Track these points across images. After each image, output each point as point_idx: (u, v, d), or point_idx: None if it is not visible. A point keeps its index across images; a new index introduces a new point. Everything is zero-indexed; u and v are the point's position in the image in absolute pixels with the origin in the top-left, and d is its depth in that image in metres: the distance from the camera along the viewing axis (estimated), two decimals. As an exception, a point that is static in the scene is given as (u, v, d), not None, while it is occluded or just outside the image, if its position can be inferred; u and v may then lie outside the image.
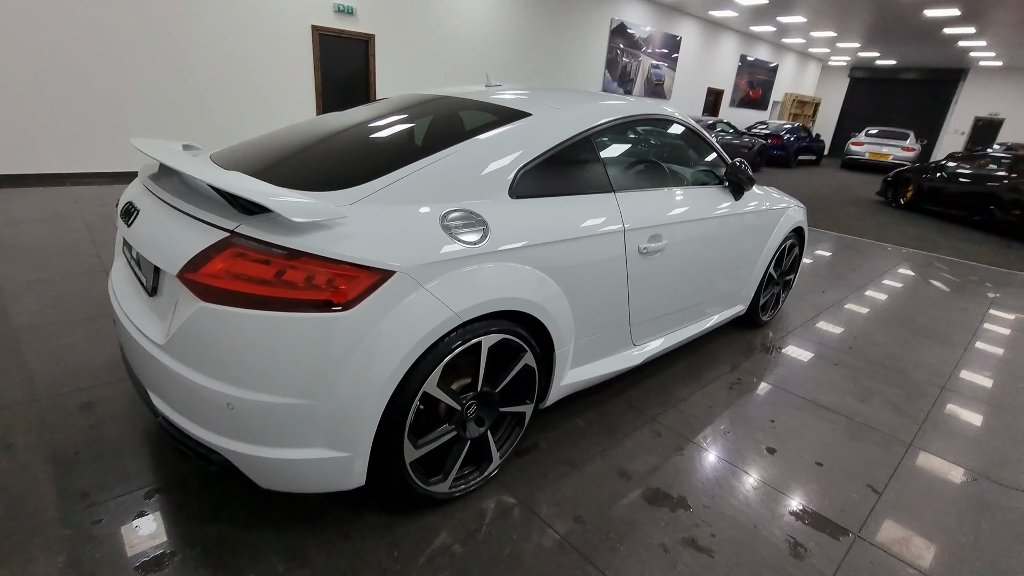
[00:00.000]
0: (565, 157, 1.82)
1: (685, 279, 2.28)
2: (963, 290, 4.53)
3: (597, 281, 1.85)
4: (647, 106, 2.23)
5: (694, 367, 2.71)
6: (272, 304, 1.22)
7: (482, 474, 1.71)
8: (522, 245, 1.57)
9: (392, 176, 1.46)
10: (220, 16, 6.35)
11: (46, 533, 1.45)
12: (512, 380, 1.69)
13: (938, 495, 1.91)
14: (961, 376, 2.89)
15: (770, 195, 2.90)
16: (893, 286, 4.45)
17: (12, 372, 2.18)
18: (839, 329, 3.40)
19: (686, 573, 1.49)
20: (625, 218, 1.91)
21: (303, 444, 1.30)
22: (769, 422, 2.28)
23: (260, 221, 1.26)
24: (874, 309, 3.83)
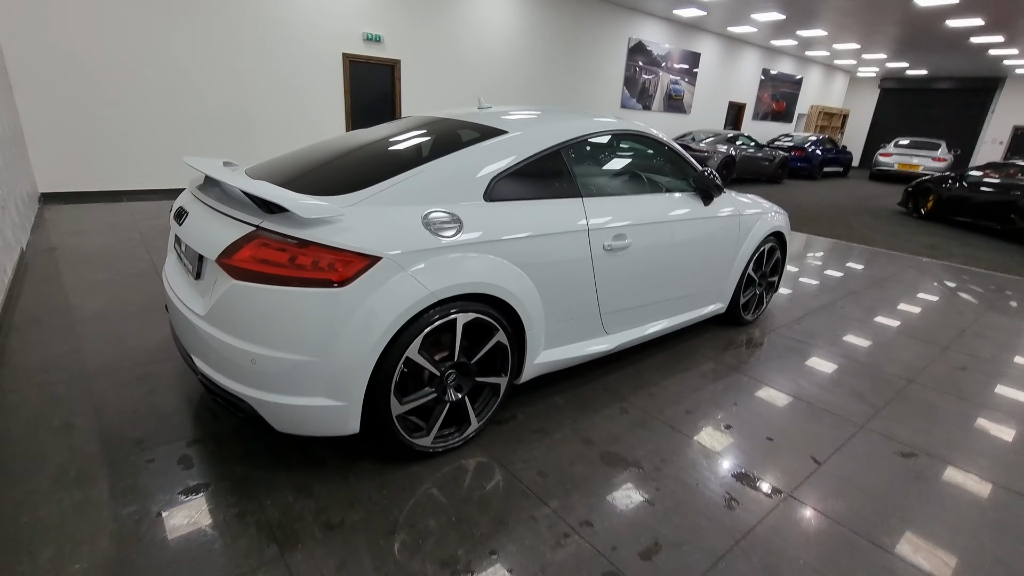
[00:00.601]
0: (536, 167, 2.14)
1: (653, 275, 2.55)
2: (961, 295, 4.59)
3: (564, 273, 2.14)
4: (616, 123, 2.53)
5: (673, 358, 2.95)
6: (287, 282, 1.57)
7: (462, 434, 2.02)
8: (492, 240, 1.90)
9: (384, 184, 1.82)
10: (262, 48, 7.00)
11: (111, 466, 1.83)
12: (486, 354, 2.00)
13: (877, 467, 2.11)
14: (933, 371, 3.03)
15: (744, 201, 3.14)
16: (888, 290, 4.56)
17: (82, 351, 2.62)
18: (823, 328, 3.56)
19: (625, 515, 1.75)
20: (590, 220, 2.21)
21: (309, 393, 1.65)
22: (732, 404, 2.51)
23: (279, 218, 1.63)
24: (863, 311, 3.97)
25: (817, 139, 14.78)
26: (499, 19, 9.41)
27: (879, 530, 1.76)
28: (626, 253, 2.37)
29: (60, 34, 5.72)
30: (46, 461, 1.84)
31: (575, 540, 1.64)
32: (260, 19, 6.89)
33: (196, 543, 1.54)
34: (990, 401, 2.72)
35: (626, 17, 11.48)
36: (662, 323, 2.77)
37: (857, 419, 2.46)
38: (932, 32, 11.59)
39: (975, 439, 2.36)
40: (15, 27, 5.47)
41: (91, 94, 6.05)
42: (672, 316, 2.84)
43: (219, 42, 6.69)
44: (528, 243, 2.00)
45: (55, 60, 5.76)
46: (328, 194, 1.77)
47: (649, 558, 1.59)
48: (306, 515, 1.68)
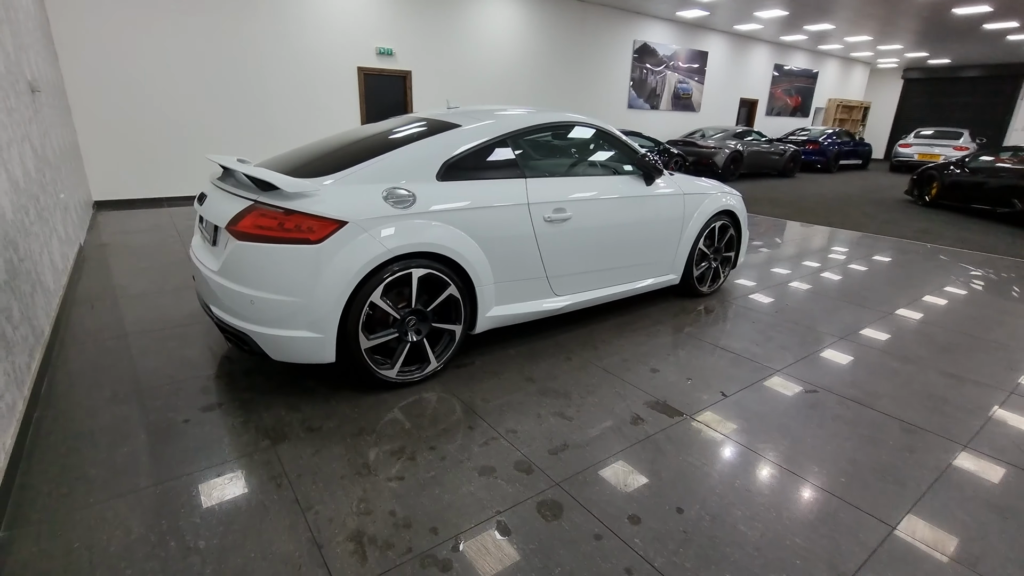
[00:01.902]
0: (483, 154, 2.60)
1: (595, 245, 2.96)
2: (934, 271, 4.79)
3: (508, 239, 2.59)
4: (563, 116, 2.97)
5: (624, 322, 3.34)
6: (277, 241, 2.07)
7: (422, 371, 2.48)
8: (440, 210, 2.36)
9: (354, 168, 2.31)
10: (284, 66, 7.70)
11: (149, 391, 2.37)
12: (442, 305, 2.46)
13: (777, 400, 2.46)
14: (867, 331, 3.32)
15: (690, 182, 3.51)
16: (857, 268, 4.80)
17: (128, 319, 3.21)
18: (776, 298, 3.88)
19: (545, 427, 2.18)
20: (531, 196, 2.65)
21: (295, 327, 2.14)
22: (666, 355, 2.89)
23: (272, 194, 2.14)
24: (820, 286, 4.26)
25: (833, 132, 14.73)
26: (505, 27, 9.94)
27: (756, 440, 2.13)
28: (567, 224, 2.79)
29: (110, 62, 6.52)
30: (102, 389, 2.40)
31: (499, 442, 2.07)
32: (282, 40, 7.59)
33: (210, 439, 2.05)
34: (909, 353, 3.01)
35: (630, 20, 11.84)
36: (611, 289, 3.17)
37: (774, 365, 2.80)
38: (943, 21, 11.52)
39: (878, 380, 2.68)
40: (74, 57, 6.28)
41: (135, 114, 6.83)
42: (621, 283, 3.23)
43: (246, 63, 7.41)
44: (473, 214, 2.46)
45: (106, 85, 6.56)
46: (312, 176, 2.27)
47: (556, 454, 2.01)
48: (294, 423, 2.17)
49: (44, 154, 3.79)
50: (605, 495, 1.78)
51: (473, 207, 2.46)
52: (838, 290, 4.16)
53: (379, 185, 2.29)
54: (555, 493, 1.79)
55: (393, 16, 8.50)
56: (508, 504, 1.73)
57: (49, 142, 4.15)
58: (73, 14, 6.19)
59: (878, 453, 2.07)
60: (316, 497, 1.74)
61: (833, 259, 5.15)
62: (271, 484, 1.79)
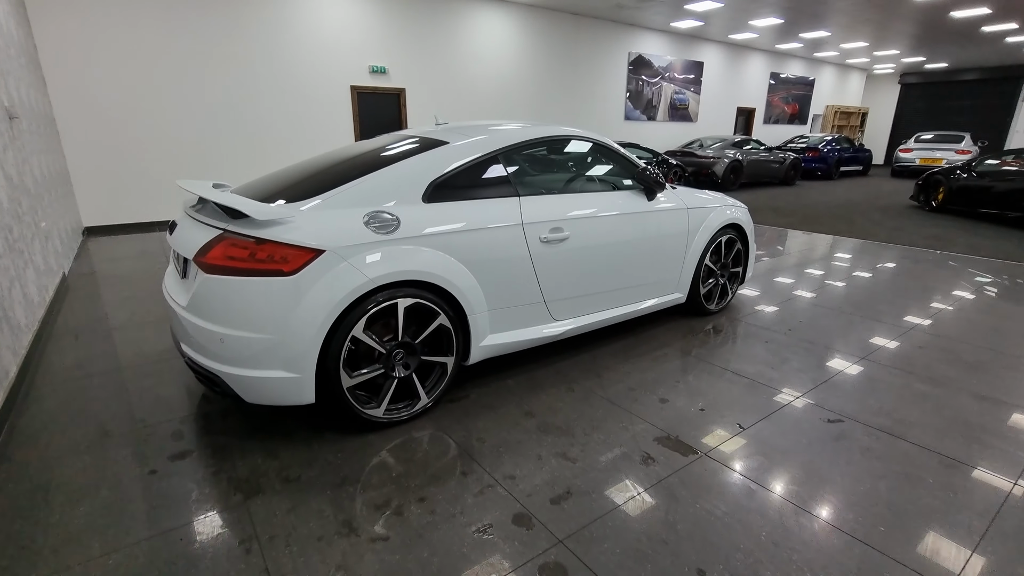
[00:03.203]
0: (473, 172, 2.44)
1: (596, 265, 2.78)
2: (950, 281, 4.59)
3: (501, 263, 2.41)
4: (557, 130, 2.81)
5: (629, 345, 3.15)
6: (248, 273, 1.90)
7: (412, 409, 2.29)
8: (427, 234, 2.19)
9: (333, 192, 2.14)
10: (276, 88, 7.62)
11: (118, 437, 2.18)
12: (432, 336, 2.28)
13: (799, 431, 2.26)
14: (888, 350, 3.12)
15: (695, 196, 3.34)
16: (870, 280, 4.61)
17: (106, 354, 3.03)
18: (789, 316, 3.69)
19: (547, 471, 1.98)
20: (525, 216, 2.48)
21: (268, 367, 1.95)
22: (675, 383, 2.69)
23: (242, 222, 1.97)
24: (833, 299, 4.06)
25: (832, 139, 14.63)
26: (499, 42, 9.89)
27: (781, 481, 1.92)
28: (565, 245, 2.62)
29: (100, 87, 6.43)
30: (67, 436, 2.21)
31: (496, 490, 1.87)
32: (273, 61, 7.52)
33: (176, 494, 1.85)
34: (936, 374, 2.80)
35: (625, 32, 11.81)
36: (614, 311, 2.99)
37: (794, 392, 2.60)
38: (940, 24, 11.45)
39: (906, 407, 2.47)
40: (62, 83, 6.20)
41: (126, 138, 6.73)
42: (624, 304, 3.05)
43: (238, 84, 7.33)
44: (463, 237, 2.28)
45: (96, 110, 6.47)
46: (290, 201, 2.10)
47: (558, 503, 1.81)
48: (270, 472, 1.97)
49: (21, 182, 3.65)
50: (615, 556, 1.58)
51: (463, 230, 2.29)
52: (852, 304, 3.96)
53: (360, 209, 2.12)
54: (558, 553, 1.58)
55: (386, 34, 8.45)
56: (506, 569, 1.52)
57: (29, 169, 4.02)
58: (60, 40, 6.12)
59: (918, 494, 1.86)
60: (288, 565, 1.54)
61: (844, 270, 4.96)
62: (239, 550, 1.59)
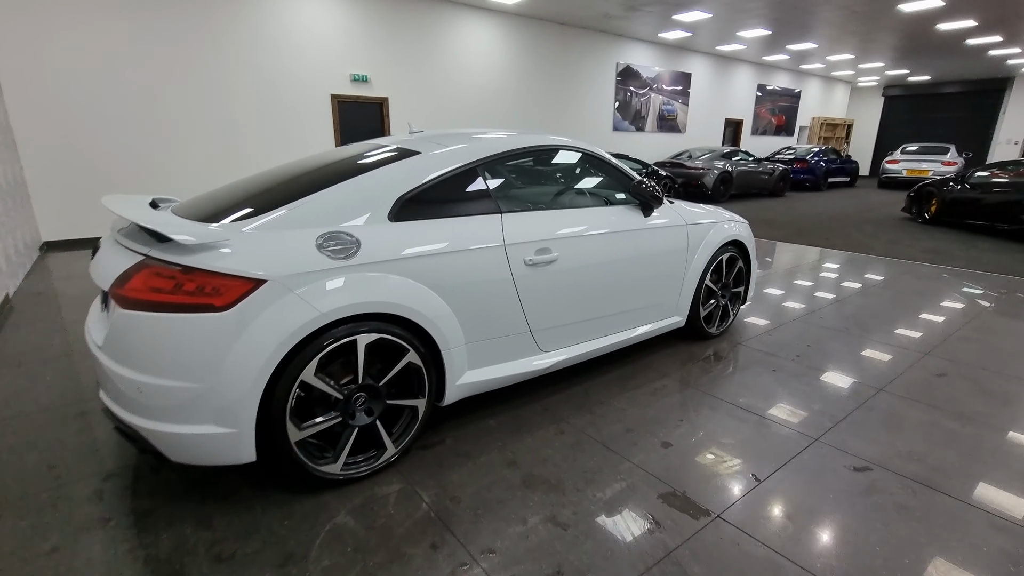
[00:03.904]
0: (448, 186, 2.14)
1: (588, 289, 2.49)
2: (956, 299, 4.38)
3: (481, 290, 2.11)
4: (543, 139, 2.53)
5: (624, 376, 2.85)
6: (171, 308, 1.57)
7: (376, 462, 1.96)
8: (394, 259, 1.88)
9: (281, 210, 1.83)
10: (252, 96, 7.30)
11: (25, 500, 1.82)
12: (400, 376, 1.96)
13: (823, 483, 1.97)
14: (907, 378, 2.86)
15: (693, 211, 3.08)
16: (873, 298, 4.38)
17: (35, 389, 2.66)
18: (795, 339, 3.42)
19: (533, 541, 1.66)
20: (508, 235, 2.18)
21: (196, 421, 1.62)
22: (678, 422, 2.40)
23: (168, 246, 1.64)
24: (842, 320, 3.81)
25: (820, 150, 14.62)
26: (485, 52, 9.68)
27: (812, 552, 1.63)
28: (553, 267, 2.32)
29: (62, 95, 6.06)
30: (-43, 500, 1.84)
31: (472, 570, 1.55)
32: (249, 68, 7.21)
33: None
34: (964, 408, 2.54)
35: (612, 43, 11.69)
36: (607, 339, 2.69)
37: (811, 432, 2.31)
38: (925, 37, 11.49)
39: (939, 449, 2.20)
40: (20, 91, 5.82)
41: (90, 148, 6.35)
42: (619, 331, 2.76)
43: (209, 93, 7.00)
44: (436, 260, 1.98)
45: (57, 119, 6.09)
46: (234, 220, 1.78)
47: (547, 586, 1.49)
48: (199, 548, 1.63)
49: (-51, 196, 3.27)
50: (617, 664, 1.26)
51: (436, 252, 1.98)
52: (859, 324, 3.71)
53: (313, 230, 1.81)
54: (546, 663, 1.27)
55: (367, 41, 8.19)
56: None
57: (-37, 182, 3.65)
58: (19, 46, 5.76)
59: (974, 564, 1.57)
60: None
61: (845, 287, 4.73)
62: (140, 667, 1.25)
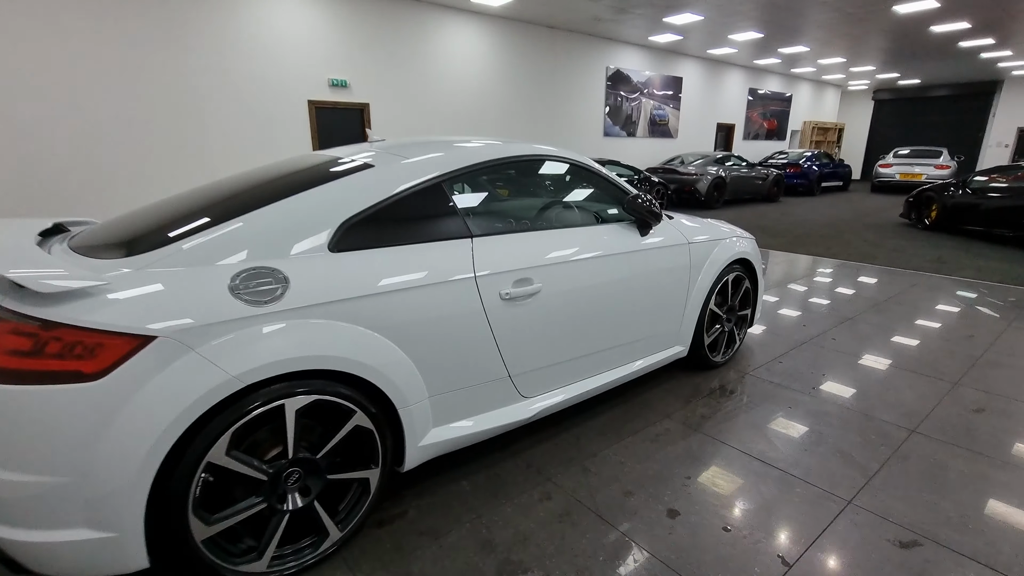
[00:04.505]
0: (405, 206, 1.77)
1: (577, 323, 2.13)
2: (973, 315, 4.07)
3: (446, 332, 1.74)
4: (523, 148, 2.17)
5: (619, 418, 2.49)
6: (27, 378, 1.19)
7: (315, 552, 1.57)
8: (335, 300, 1.50)
9: (194, 239, 1.45)
10: (225, 104, 6.90)
11: None
12: (343, 443, 1.58)
13: (863, 566, 1.61)
14: (940, 415, 2.52)
15: (694, 227, 2.73)
16: (888, 315, 4.06)
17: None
18: (808, 367, 3.08)
19: (508, 670, 1.28)
20: (478, 264, 1.81)
21: (62, 525, 1.23)
22: (685, 479, 2.03)
23: (25, 295, 1.26)
24: (858, 342, 3.48)
25: (812, 154, 14.43)
26: (471, 55, 9.35)
27: (863, 676, 1.26)
28: (535, 301, 1.96)
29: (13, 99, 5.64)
30: None
31: None
32: (220, 74, 6.81)
33: None
34: (1013, 454, 2.20)
35: (602, 46, 11.42)
36: (601, 378, 2.33)
37: (842, 492, 1.96)
38: (918, 39, 11.33)
39: (997, 513, 1.85)
40: (-38, 95, 5.40)
41: (43, 159, 5.92)
42: (614, 368, 2.39)
43: (180, 99, 6.60)
44: (389, 300, 1.60)
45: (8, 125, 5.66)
46: (128, 255, 1.40)
47: None
48: None
49: None
50: None
51: (389, 290, 1.61)
52: (875, 347, 3.38)
53: (227, 265, 1.43)
54: None
55: (346, 45, 7.82)
56: None
57: None
58: (-38, 47, 5.34)
59: None
60: None
61: (853, 302, 4.41)
62: None
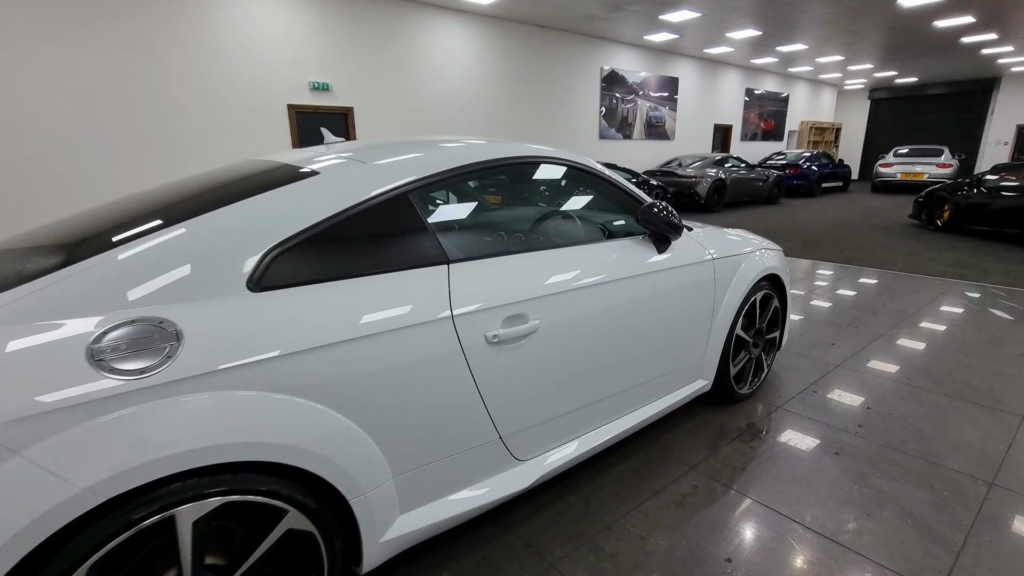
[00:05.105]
0: (361, 225, 1.34)
1: (584, 364, 1.71)
2: (1010, 328, 3.68)
3: (414, 391, 1.31)
4: (514, 148, 1.75)
5: (635, 471, 2.06)
6: None
7: None
8: (255, 360, 1.08)
9: (48, 280, 1.02)
10: (198, 105, 6.47)
11: None
12: (273, 551, 1.15)
13: None
14: (1019, 461, 2.11)
15: (719, 240, 2.32)
16: (925, 331, 3.66)
17: None
18: (848, 397, 2.67)
19: None
20: (457, 298, 1.39)
21: None
22: (724, 563, 1.61)
23: None
24: (898, 364, 3.07)
25: (811, 155, 14.12)
26: (460, 56, 8.96)
27: None
28: (531, 342, 1.54)
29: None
30: None
31: None
32: (193, 77, 6.38)
33: None
34: (1120, 514, 1.79)
35: (596, 46, 11.06)
36: (612, 427, 1.90)
37: (922, 572, 1.54)
38: (920, 35, 11.04)
39: None
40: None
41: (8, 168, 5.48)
42: (628, 414, 1.97)
43: (146, 105, 6.16)
44: (332, 356, 1.18)
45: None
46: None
47: None
48: None
49: None
50: None
51: (332, 342, 1.18)
52: (919, 371, 2.97)
53: (83, 321, 1.00)
54: None
55: (328, 46, 7.41)
56: None
57: None
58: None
59: None
60: None
61: (880, 314, 4.01)
62: None
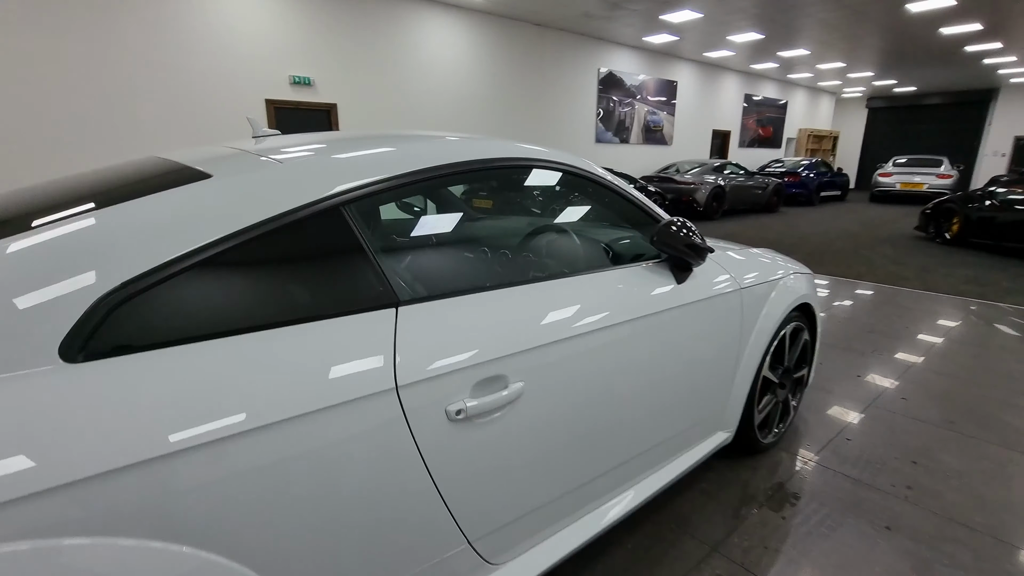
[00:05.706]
0: (266, 252, 0.93)
1: (581, 435, 1.30)
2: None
3: (335, 505, 0.90)
4: (491, 148, 1.34)
5: (645, 552, 1.66)
6: None
7: None
8: (66, 483, 0.66)
9: None
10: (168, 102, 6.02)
11: None
12: None
13: None
14: (1107, 540, 1.73)
15: (744, 263, 1.93)
16: (957, 361, 3.30)
17: None
18: (889, 448, 2.28)
19: None
20: (405, 358, 0.98)
21: None
22: None
23: None
24: (936, 404, 2.70)
25: (810, 163, 13.86)
26: (451, 54, 8.57)
27: None
28: (513, 413, 1.13)
29: None
30: None
31: None
32: (162, 71, 5.92)
33: None
34: None
35: (593, 47, 10.71)
36: (616, 506, 1.50)
37: None
38: (924, 42, 10.80)
39: None
40: None
41: None
42: (635, 484, 1.57)
43: (110, 100, 5.70)
44: (204, 461, 0.77)
45: None
46: None
47: None
48: None
49: None
50: None
51: (203, 441, 0.77)
52: (967, 414, 2.60)
53: None
54: None
55: (310, 38, 6.98)
56: None
57: None
58: None
59: None
60: None
61: (910, 343, 3.64)
62: None
